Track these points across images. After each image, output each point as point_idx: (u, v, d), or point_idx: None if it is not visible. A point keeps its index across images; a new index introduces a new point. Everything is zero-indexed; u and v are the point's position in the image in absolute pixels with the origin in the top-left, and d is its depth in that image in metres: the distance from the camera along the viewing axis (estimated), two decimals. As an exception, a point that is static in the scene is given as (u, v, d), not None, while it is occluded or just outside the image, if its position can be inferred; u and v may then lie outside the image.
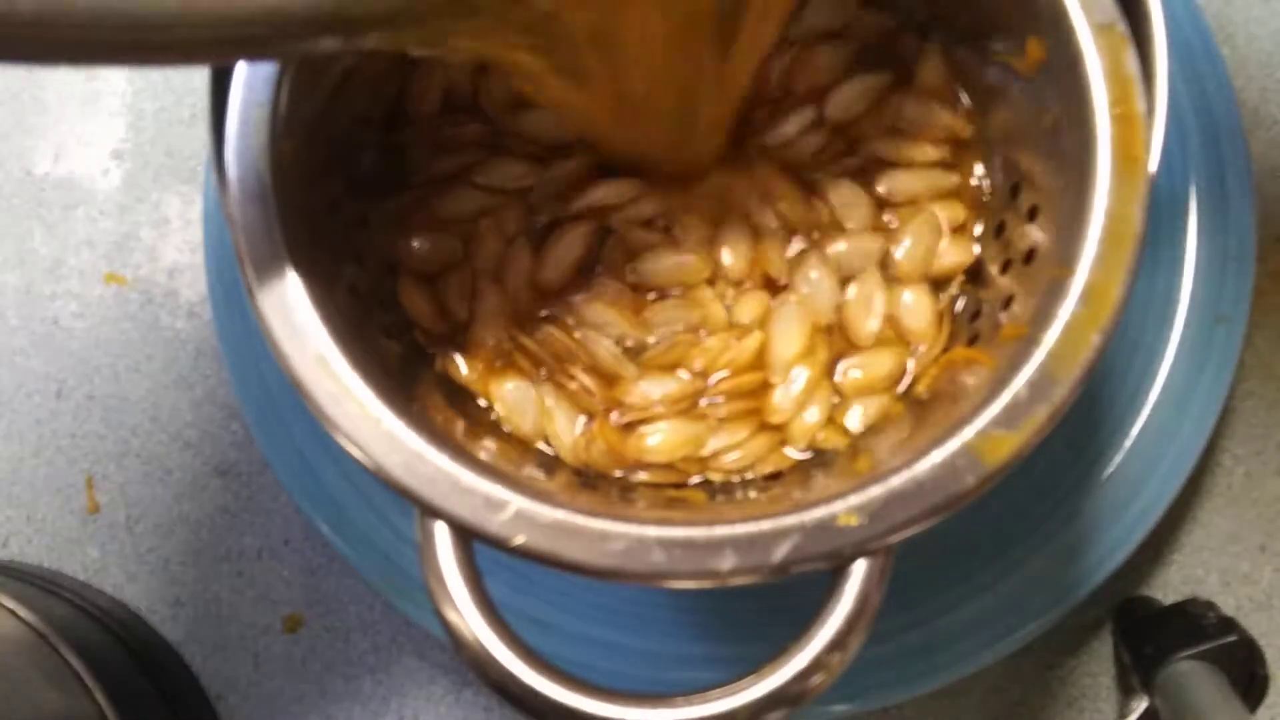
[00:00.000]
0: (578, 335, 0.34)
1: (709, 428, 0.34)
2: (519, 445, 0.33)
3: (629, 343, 0.34)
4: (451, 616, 0.26)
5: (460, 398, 0.33)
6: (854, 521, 0.26)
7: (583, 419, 0.33)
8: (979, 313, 0.33)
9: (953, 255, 0.35)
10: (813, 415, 0.34)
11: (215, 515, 0.44)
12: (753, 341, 0.34)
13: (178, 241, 0.46)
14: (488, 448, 0.31)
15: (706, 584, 0.27)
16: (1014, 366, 0.27)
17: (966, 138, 0.35)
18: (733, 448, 0.33)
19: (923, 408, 0.32)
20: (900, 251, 0.35)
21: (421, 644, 0.43)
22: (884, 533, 0.26)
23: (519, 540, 0.27)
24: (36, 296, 0.46)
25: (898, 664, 0.39)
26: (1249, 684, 0.38)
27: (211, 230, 0.43)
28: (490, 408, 0.34)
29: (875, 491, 0.27)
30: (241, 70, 0.29)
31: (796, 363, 0.34)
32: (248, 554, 0.44)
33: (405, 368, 0.32)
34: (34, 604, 0.40)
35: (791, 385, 0.34)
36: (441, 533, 0.27)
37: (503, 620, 0.26)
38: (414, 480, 0.27)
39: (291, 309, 0.28)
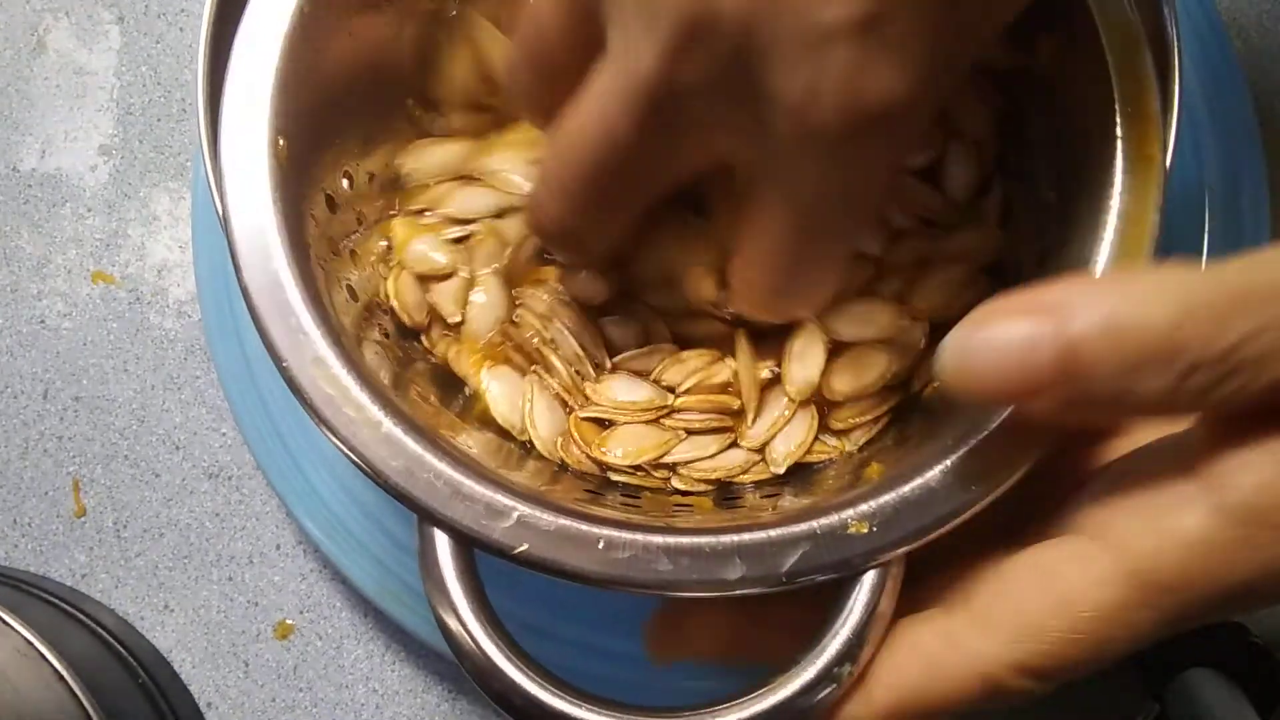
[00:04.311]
0: (551, 327, 0.33)
1: (676, 436, 0.32)
2: (505, 437, 0.32)
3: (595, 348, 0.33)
4: (452, 625, 0.26)
5: (449, 387, 0.33)
6: (865, 530, 0.26)
7: (561, 412, 0.32)
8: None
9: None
10: (791, 440, 0.32)
11: (205, 520, 0.44)
12: (725, 372, 0.32)
13: (166, 239, 0.46)
14: (476, 441, 0.31)
15: (714, 594, 0.26)
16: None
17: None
18: (703, 459, 0.32)
19: (932, 412, 0.31)
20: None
21: (416, 652, 0.43)
22: (896, 542, 0.26)
23: (521, 549, 0.26)
24: (22, 296, 0.46)
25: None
26: (1261, 692, 0.37)
27: (201, 227, 0.42)
28: (477, 399, 0.33)
29: (887, 499, 0.26)
30: (237, 62, 0.28)
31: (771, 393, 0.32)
32: (238, 559, 0.44)
33: (400, 361, 0.32)
34: (20, 609, 0.39)
35: (766, 414, 0.32)
36: (442, 540, 0.26)
37: (505, 629, 0.26)
38: (414, 486, 0.26)
39: (288, 311, 0.27)
